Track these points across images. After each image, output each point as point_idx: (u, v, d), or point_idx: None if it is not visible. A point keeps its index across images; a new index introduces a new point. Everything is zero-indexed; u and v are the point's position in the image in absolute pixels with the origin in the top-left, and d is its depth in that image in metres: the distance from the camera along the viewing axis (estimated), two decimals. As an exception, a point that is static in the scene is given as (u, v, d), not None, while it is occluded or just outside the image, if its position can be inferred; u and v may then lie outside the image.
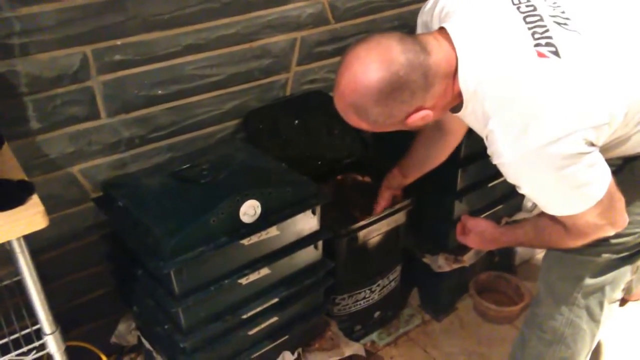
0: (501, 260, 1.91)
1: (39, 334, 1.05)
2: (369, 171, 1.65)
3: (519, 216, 1.83)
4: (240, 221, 1.18)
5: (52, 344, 1.04)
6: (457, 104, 1.05)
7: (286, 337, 1.39)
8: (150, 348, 1.39)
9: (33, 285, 0.98)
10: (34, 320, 1.05)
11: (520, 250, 1.97)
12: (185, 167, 1.33)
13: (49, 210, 0.92)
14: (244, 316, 1.27)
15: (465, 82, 0.99)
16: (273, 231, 1.24)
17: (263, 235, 1.23)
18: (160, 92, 1.40)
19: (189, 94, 1.45)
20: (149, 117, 1.42)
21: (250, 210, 1.18)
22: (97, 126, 1.35)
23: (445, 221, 1.64)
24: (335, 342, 1.49)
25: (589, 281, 1.21)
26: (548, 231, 1.13)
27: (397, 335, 1.76)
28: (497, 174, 1.61)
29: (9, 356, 1.03)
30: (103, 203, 1.33)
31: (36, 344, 1.05)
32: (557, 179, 0.95)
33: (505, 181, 1.62)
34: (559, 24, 0.98)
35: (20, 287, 1.21)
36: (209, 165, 1.31)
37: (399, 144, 1.45)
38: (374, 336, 1.74)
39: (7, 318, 1.16)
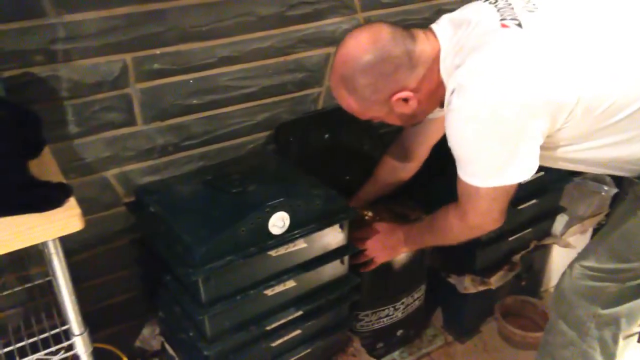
0: (528, 284, 1.88)
1: (67, 334, 1.07)
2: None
3: (548, 241, 1.80)
4: (269, 232, 1.19)
5: (80, 345, 1.06)
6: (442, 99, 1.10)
7: (308, 350, 1.39)
8: (174, 354, 1.40)
9: (65, 286, 1.00)
10: (63, 320, 1.07)
11: (548, 275, 1.93)
12: (216, 176, 1.34)
13: (83, 212, 0.93)
14: (268, 327, 1.27)
15: (445, 68, 1.08)
16: (300, 244, 1.24)
17: (290, 247, 1.23)
18: (195, 101, 1.43)
19: (223, 105, 1.47)
20: (183, 125, 1.44)
21: (279, 222, 1.19)
22: (132, 132, 1.38)
23: (473, 242, 1.62)
24: (357, 359, 1.48)
25: (602, 311, 1.19)
26: (440, 218, 1.24)
27: (419, 355, 1.74)
28: (525, 197, 1.63)
29: (37, 355, 1.05)
30: (135, 208, 1.36)
31: (65, 344, 1.06)
32: (494, 141, 1.01)
33: (533, 205, 1.64)
34: (528, 10, 1.05)
35: (51, 287, 1.24)
36: (240, 175, 1.32)
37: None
38: (395, 355, 1.72)
39: (37, 316, 1.18)
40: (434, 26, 1.13)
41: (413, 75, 1.09)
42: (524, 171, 1.04)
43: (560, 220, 1.82)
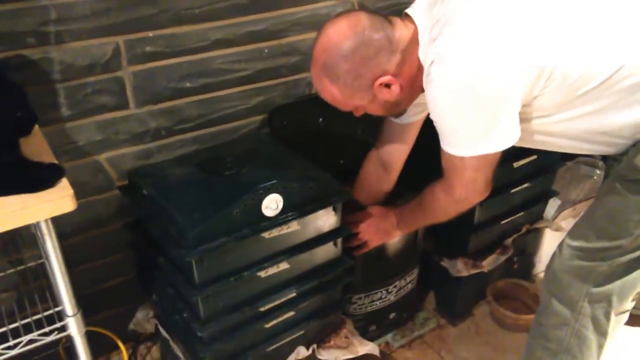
0: (520, 267, 1.89)
1: (60, 315, 1.07)
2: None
3: (540, 224, 1.81)
4: (262, 214, 1.19)
5: (74, 325, 1.06)
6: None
7: (302, 332, 1.40)
8: (167, 337, 1.41)
9: (58, 267, 1.00)
10: (57, 302, 1.07)
11: (540, 258, 1.95)
12: (210, 158, 1.34)
13: (76, 196, 0.93)
14: (262, 309, 1.28)
15: (423, 50, 1.08)
16: (294, 226, 1.25)
17: (284, 229, 1.23)
18: (188, 85, 1.42)
19: (216, 88, 1.47)
20: (176, 109, 1.44)
21: (272, 204, 1.19)
22: (125, 116, 1.37)
23: (465, 225, 1.63)
24: (350, 341, 1.49)
25: (594, 289, 1.20)
26: (428, 195, 1.25)
27: (411, 337, 1.75)
28: (518, 180, 1.64)
29: (30, 335, 1.05)
30: (128, 191, 1.36)
31: (57, 325, 1.07)
32: (474, 108, 1.02)
33: (526, 188, 1.65)
34: None
35: (44, 270, 1.25)
36: (233, 158, 1.32)
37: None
38: (388, 337, 1.74)
39: (30, 300, 1.18)
40: (408, 10, 1.13)
41: (393, 60, 1.09)
42: (506, 138, 1.06)
43: (553, 204, 1.83)
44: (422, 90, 1.13)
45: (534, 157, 1.59)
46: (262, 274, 1.24)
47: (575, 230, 1.24)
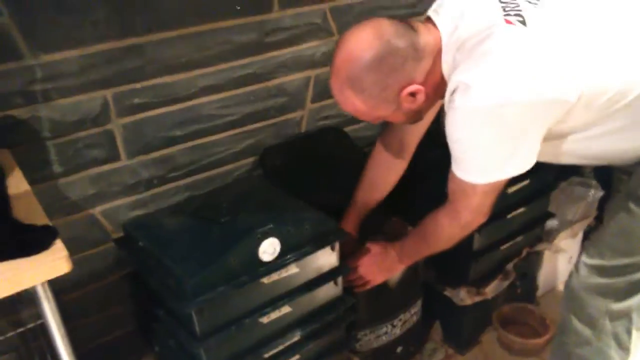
0: (523, 291, 1.88)
1: (62, 377, 1.05)
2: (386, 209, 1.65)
3: (540, 247, 1.81)
4: (260, 259, 1.18)
5: (76, 387, 1.04)
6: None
7: (308, 375, 1.37)
8: (172, 389, 1.38)
9: (57, 330, 0.98)
10: (57, 362, 1.05)
11: (542, 280, 1.93)
12: (204, 206, 1.34)
13: (71, 251, 0.92)
14: (266, 355, 1.26)
15: (446, 61, 1.05)
16: (293, 268, 1.24)
17: (283, 273, 1.22)
18: (178, 132, 1.43)
19: (207, 134, 1.48)
20: (168, 157, 1.44)
21: (269, 248, 1.18)
22: (117, 168, 1.38)
23: (465, 253, 1.62)
24: (358, 380, 1.47)
25: (614, 306, 1.19)
26: (430, 223, 1.22)
27: (420, 370, 1.73)
28: (513, 205, 1.64)
29: (32, 401, 1.03)
30: (124, 243, 1.35)
31: (60, 388, 1.04)
32: (496, 141, 1.00)
33: (522, 212, 1.64)
34: (530, 2, 1.05)
35: (44, 329, 1.23)
36: (227, 203, 1.32)
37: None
38: (397, 372, 1.71)
39: (30, 361, 1.16)
40: (432, 14, 1.09)
41: (420, 68, 1.05)
42: (523, 166, 1.04)
43: (550, 226, 1.83)
44: (441, 97, 1.10)
45: (527, 181, 1.59)
46: (264, 319, 1.22)
47: (590, 248, 1.23)
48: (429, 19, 1.09)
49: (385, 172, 1.43)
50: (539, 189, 1.69)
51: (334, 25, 1.58)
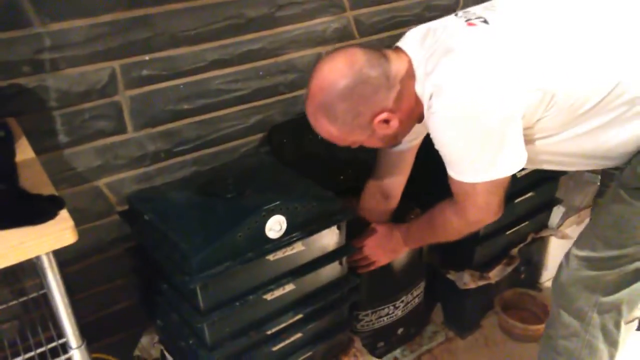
0: (527, 277, 1.88)
1: (64, 347, 1.05)
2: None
3: (545, 233, 1.80)
4: (266, 236, 1.17)
5: (78, 358, 1.04)
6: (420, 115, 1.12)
7: (310, 353, 1.37)
8: (173, 362, 1.39)
9: (61, 300, 0.98)
10: (60, 332, 1.05)
11: (546, 267, 1.93)
12: (210, 181, 1.33)
13: (76, 223, 0.91)
14: (269, 332, 1.26)
15: (419, 76, 1.07)
16: (298, 246, 1.23)
17: (288, 250, 1.22)
18: (186, 106, 1.41)
19: (214, 108, 1.46)
20: (175, 131, 1.42)
21: (276, 225, 1.18)
22: (123, 140, 1.36)
23: (471, 238, 1.61)
24: (359, 359, 1.47)
25: (603, 299, 1.19)
26: (438, 215, 1.23)
27: (420, 352, 1.73)
28: (522, 190, 1.62)
29: (35, 370, 1.03)
30: (128, 216, 1.34)
31: (62, 358, 1.05)
32: (479, 135, 1.01)
33: (529, 198, 1.63)
34: (488, 9, 1.10)
35: (46, 299, 1.23)
36: (234, 179, 1.31)
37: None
38: (397, 353, 1.71)
39: (33, 329, 1.16)
40: (399, 44, 1.13)
41: (391, 96, 1.08)
42: (515, 162, 1.06)
43: (557, 212, 1.82)
44: (419, 121, 1.14)
45: (537, 165, 1.58)
46: (268, 296, 1.22)
47: (581, 240, 1.23)
48: (398, 48, 1.12)
49: (376, 214, 1.47)
50: (548, 174, 1.68)
51: (346, 1, 1.55)
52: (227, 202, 1.24)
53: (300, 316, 1.30)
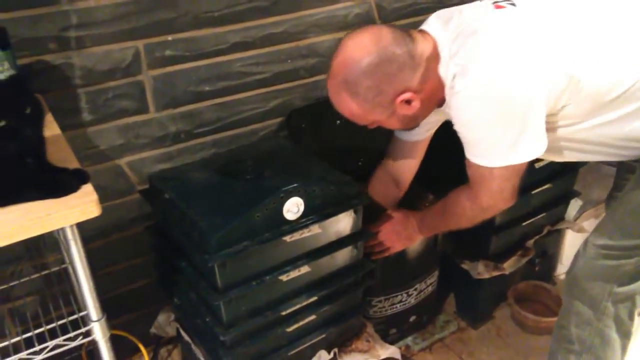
0: (541, 269, 1.87)
1: (84, 320, 1.08)
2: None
3: (562, 225, 1.79)
4: (284, 218, 1.19)
5: (98, 330, 1.06)
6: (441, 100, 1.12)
7: (323, 335, 1.39)
8: (189, 340, 1.41)
9: (83, 272, 1.00)
10: (80, 306, 1.08)
11: (561, 260, 1.92)
12: (230, 162, 1.34)
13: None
14: (283, 313, 1.28)
15: (443, 57, 1.07)
16: (315, 229, 1.24)
17: (305, 232, 1.23)
18: (207, 88, 1.42)
19: (235, 91, 1.47)
20: (196, 112, 1.44)
21: (293, 207, 1.19)
22: (145, 120, 1.38)
23: (486, 228, 1.61)
24: (372, 344, 1.48)
25: (618, 289, 1.19)
26: (452, 202, 1.23)
27: (432, 340, 1.74)
28: (540, 181, 1.62)
29: (56, 340, 1.05)
30: (149, 195, 1.36)
31: (82, 330, 1.07)
32: (501, 118, 1.02)
33: (547, 189, 1.63)
34: None
35: (67, 274, 1.25)
36: (253, 161, 1.32)
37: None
38: (408, 340, 1.72)
39: (54, 303, 1.19)
40: (424, 26, 1.12)
41: (416, 76, 1.07)
42: (535, 148, 1.06)
43: (574, 205, 1.81)
44: (439, 105, 1.13)
45: (556, 157, 1.57)
46: (284, 277, 1.24)
47: (599, 228, 1.23)
48: (423, 30, 1.12)
49: (383, 200, 1.46)
50: (566, 166, 1.67)
51: (370, -14, 1.55)
52: (245, 183, 1.25)
53: (314, 298, 1.32)
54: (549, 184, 1.64)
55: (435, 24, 1.11)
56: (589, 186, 1.83)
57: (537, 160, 1.57)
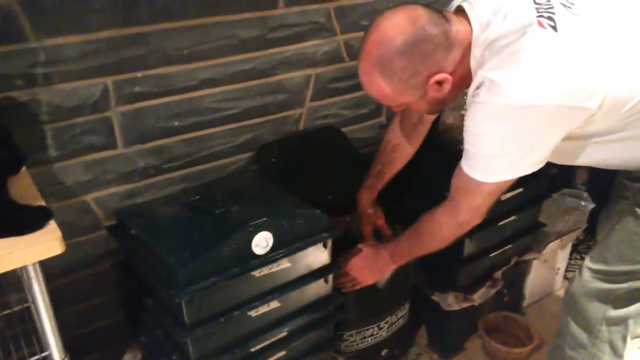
0: (510, 300, 1.89)
1: (47, 360, 1.05)
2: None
3: (529, 256, 1.82)
4: (252, 252, 1.18)
5: (61, 372, 1.04)
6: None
7: (293, 372, 1.38)
8: (156, 380, 1.38)
9: (45, 312, 0.98)
10: (43, 347, 1.05)
11: (529, 290, 1.95)
12: (198, 197, 1.34)
13: (62, 237, 0.92)
14: (253, 349, 1.26)
15: (475, 56, 1.04)
16: (284, 263, 1.24)
17: (274, 267, 1.23)
18: (176, 123, 1.43)
19: (205, 126, 1.48)
20: (165, 147, 1.44)
21: (262, 241, 1.19)
22: (113, 155, 1.37)
23: (455, 258, 1.64)
24: (343, 379, 1.47)
25: (612, 313, 1.21)
26: (426, 221, 1.22)
27: (404, 374, 1.74)
28: (506, 213, 1.65)
29: (17, 383, 1.02)
30: (116, 231, 1.35)
31: (45, 371, 1.04)
32: (512, 142, 1.00)
33: (513, 221, 1.66)
34: (564, 5, 1.04)
35: (30, 314, 1.22)
36: (222, 196, 1.32)
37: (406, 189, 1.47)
38: (381, 375, 1.71)
39: (16, 344, 1.15)
40: (465, 5, 1.07)
41: (450, 57, 1.04)
42: (534, 166, 1.05)
43: (540, 236, 1.85)
44: (466, 88, 1.10)
45: (521, 189, 1.61)
46: (253, 313, 1.23)
47: (595, 253, 1.25)
48: (461, 10, 1.08)
49: (404, 144, 1.43)
50: (531, 198, 1.71)
51: (338, 25, 1.59)
52: (214, 217, 1.25)
53: (284, 334, 1.31)
54: (515, 216, 1.68)
55: (478, 11, 1.05)
56: (554, 218, 1.87)
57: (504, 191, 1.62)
